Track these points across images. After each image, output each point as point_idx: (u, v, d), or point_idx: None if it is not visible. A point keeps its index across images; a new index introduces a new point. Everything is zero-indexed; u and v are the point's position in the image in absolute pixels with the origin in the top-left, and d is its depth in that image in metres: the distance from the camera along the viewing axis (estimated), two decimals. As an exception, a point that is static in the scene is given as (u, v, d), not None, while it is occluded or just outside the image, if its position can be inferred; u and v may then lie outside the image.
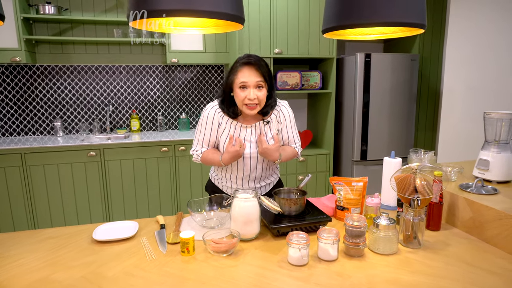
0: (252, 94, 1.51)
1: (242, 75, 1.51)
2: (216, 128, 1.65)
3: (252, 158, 1.68)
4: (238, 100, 1.55)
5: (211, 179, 1.84)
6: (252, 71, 1.51)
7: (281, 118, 1.70)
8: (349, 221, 1.24)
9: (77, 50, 3.36)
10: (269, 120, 1.68)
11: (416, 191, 1.29)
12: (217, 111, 1.64)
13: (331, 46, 3.34)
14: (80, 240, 1.36)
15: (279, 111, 1.70)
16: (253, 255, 1.25)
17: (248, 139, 1.65)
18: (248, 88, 1.52)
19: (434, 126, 3.83)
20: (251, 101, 1.53)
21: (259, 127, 1.67)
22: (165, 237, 1.37)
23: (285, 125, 1.71)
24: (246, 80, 1.51)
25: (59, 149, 2.92)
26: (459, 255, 1.24)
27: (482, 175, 1.61)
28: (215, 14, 0.94)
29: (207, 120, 1.65)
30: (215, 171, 1.80)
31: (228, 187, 1.77)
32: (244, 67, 1.52)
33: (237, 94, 1.54)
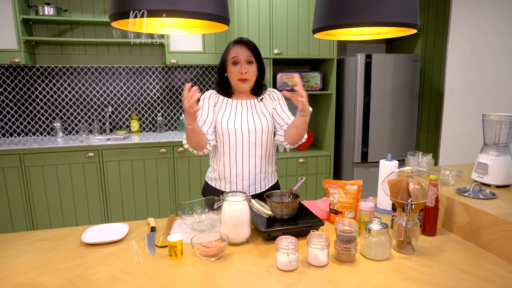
0: (243, 68, 1.62)
1: (234, 52, 1.62)
2: (212, 107, 1.70)
3: (250, 133, 1.66)
4: (232, 76, 1.64)
5: (208, 181, 1.81)
6: (243, 47, 1.63)
7: (274, 96, 1.78)
8: (340, 225, 1.21)
9: (77, 51, 3.36)
10: (263, 98, 1.75)
11: (410, 196, 1.26)
12: (213, 92, 1.74)
13: (332, 47, 3.31)
14: (69, 243, 1.35)
15: (271, 91, 1.80)
16: (242, 260, 1.22)
17: (244, 114, 1.69)
18: (239, 63, 1.62)
19: (436, 128, 3.78)
20: (243, 75, 1.62)
21: (253, 103, 1.73)
22: (155, 240, 1.35)
23: (279, 102, 1.76)
24: (237, 55, 1.61)
25: (58, 150, 2.92)
26: (454, 261, 1.20)
27: (481, 178, 1.57)
28: (199, 14, 0.92)
29: (203, 101, 1.71)
30: (213, 170, 1.77)
31: (227, 179, 1.71)
32: (235, 45, 1.64)
33: (230, 71, 1.64)
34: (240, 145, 1.67)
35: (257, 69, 1.67)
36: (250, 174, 1.71)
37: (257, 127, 1.67)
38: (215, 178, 1.76)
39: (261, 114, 1.71)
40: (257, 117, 1.70)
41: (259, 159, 1.70)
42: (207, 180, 1.82)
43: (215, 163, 1.75)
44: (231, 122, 1.66)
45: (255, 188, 1.73)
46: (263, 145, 1.71)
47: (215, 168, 1.75)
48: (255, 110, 1.72)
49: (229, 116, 1.67)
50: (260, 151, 1.70)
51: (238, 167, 1.69)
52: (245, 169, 1.69)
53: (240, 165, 1.69)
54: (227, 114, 1.68)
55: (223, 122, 1.66)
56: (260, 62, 1.68)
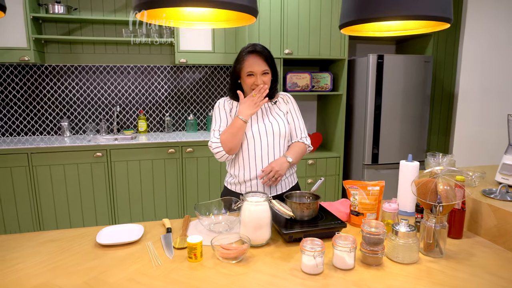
0: (259, 81, 1.59)
1: (249, 65, 1.58)
2: (229, 112, 1.69)
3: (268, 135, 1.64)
4: (246, 86, 1.62)
5: (227, 186, 1.77)
6: (257, 59, 1.58)
7: (288, 100, 1.76)
8: (366, 227, 1.17)
9: (86, 50, 3.34)
10: (276, 101, 1.73)
11: (438, 197, 1.21)
12: (227, 99, 1.72)
13: (343, 47, 3.27)
14: (83, 244, 1.31)
15: (284, 95, 1.78)
16: (264, 262, 1.18)
17: (260, 116, 1.68)
18: (255, 75, 1.59)
19: (447, 130, 3.73)
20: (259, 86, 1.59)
21: (267, 106, 1.71)
22: (172, 242, 1.31)
23: (292, 107, 1.75)
24: (253, 70, 1.58)
25: (65, 149, 2.88)
26: (484, 265, 1.15)
27: (506, 180, 1.52)
28: (228, 4, 0.88)
29: (219, 108, 1.70)
30: (231, 175, 1.74)
31: (247, 183, 1.67)
32: (249, 56, 1.58)
33: (245, 81, 1.62)
34: (259, 148, 1.64)
35: (271, 75, 1.64)
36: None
37: (274, 129, 1.66)
38: (235, 182, 1.72)
39: (276, 116, 1.70)
40: (273, 119, 1.68)
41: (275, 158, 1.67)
42: (226, 185, 1.78)
43: (233, 169, 1.71)
44: (248, 126, 1.64)
45: (276, 189, 1.69)
46: (281, 146, 1.68)
47: (233, 174, 1.71)
48: (270, 113, 1.70)
49: None
50: (279, 153, 1.67)
51: (258, 169, 1.66)
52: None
53: (260, 167, 1.65)
54: None
55: None
56: (274, 69, 1.65)
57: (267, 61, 1.60)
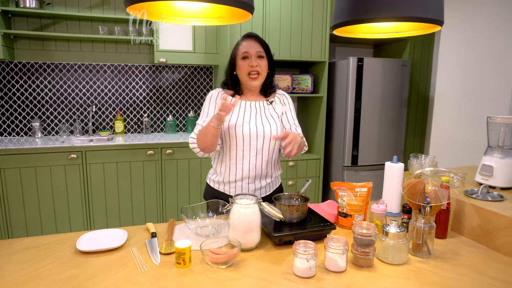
0: (254, 62, 1.54)
1: (244, 47, 1.56)
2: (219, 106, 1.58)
3: (258, 137, 1.57)
4: (242, 72, 1.57)
5: (209, 183, 1.72)
6: (253, 42, 1.57)
7: (285, 101, 1.72)
8: (357, 229, 1.17)
9: (59, 47, 3.19)
10: (272, 100, 1.68)
11: (426, 198, 1.23)
12: (220, 92, 1.66)
13: (323, 50, 3.30)
14: (62, 251, 1.23)
15: (281, 94, 1.73)
16: (255, 266, 1.15)
17: (253, 116, 1.61)
18: (250, 57, 1.55)
19: (423, 132, 3.84)
20: (253, 69, 1.55)
21: (262, 105, 1.65)
22: (157, 247, 1.26)
23: (289, 108, 1.71)
24: (247, 50, 1.55)
25: (37, 151, 2.74)
26: (471, 264, 1.18)
27: (486, 181, 1.57)
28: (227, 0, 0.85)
29: (210, 100, 1.64)
30: (215, 172, 1.68)
31: (231, 182, 1.63)
32: (244, 40, 1.58)
33: (240, 66, 1.57)
34: (248, 149, 1.58)
35: (267, 65, 1.60)
36: (256, 178, 1.63)
37: (266, 132, 1.58)
38: (219, 181, 1.67)
39: (270, 117, 1.62)
40: (266, 121, 1.61)
41: (265, 164, 1.62)
42: (209, 182, 1.72)
43: (219, 167, 1.66)
44: (239, 125, 1.57)
45: (261, 192, 1.66)
46: (271, 149, 1.62)
47: (218, 171, 1.66)
48: (264, 113, 1.63)
49: (236, 118, 1.58)
50: (267, 156, 1.62)
51: (245, 171, 1.61)
52: (252, 173, 1.61)
53: (246, 170, 1.60)
54: (234, 116, 1.58)
55: (230, 125, 1.57)
56: (271, 58, 1.62)
57: (263, 45, 1.58)
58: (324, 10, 3.23)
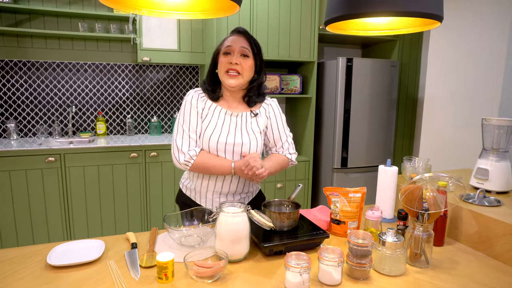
0: (235, 59, 1.38)
1: (228, 42, 1.42)
2: (200, 113, 1.45)
3: (235, 153, 1.45)
4: (220, 68, 1.42)
5: (182, 189, 1.60)
6: (240, 37, 1.42)
7: (270, 113, 1.54)
8: (353, 238, 1.09)
9: (36, 44, 3.04)
10: (257, 113, 1.51)
11: (423, 204, 1.17)
12: (200, 94, 1.48)
13: (312, 50, 3.24)
14: (31, 266, 1.12)
15: (268, 105, 1.56)
16: (244, 280, 1.06)
17: (232, 129, 1.46)
18: (232, 53, 1.40)
19: (411, 134, 3.83)
20: (232, 66, 1.39)
21: (245, 118, 1.49)
22: (138, 260, 1.16)
23: (275, 121, 1.55)
24: (231, 44, 1.40)
25: (12, 153, 2.58)
26: (470, 274, 1.12)
27: (481, 185, 1.52)
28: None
29: (191, 104, 1.45)
30: (188, 178, 1.56)
31: (203, 194, 1.51)
32: (231, 35, 1.45)
33: (220, 62, 1.42)
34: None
35: (253, 66, 1.43)
36: (229, 194, 1.52)
37: (244, 148, 1.44)
38: (191, 188, 1.54)
39: (251, 133, 1.47)
40: (246, 135, 1.46)
41: (242, 180, 1.51)
42: (182, 187, 1.60)
43: (192, 174, 1.54)
44: (215, 137, 1.42)
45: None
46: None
47: (192, 178, 1.54)
48: (245, 127, 1.47)
49: (214, 128, 1.43)
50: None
51: (217, 186, 1.49)
52: (225, 189, 1.50)
53: (219, 185, 1.49)
54: (212, 125, 1.44)
55: (206, 135, 1.43)
56: (259, 60, 1.45)
57: (250, 43, 1.41)
58: (313, 9, 3.17)
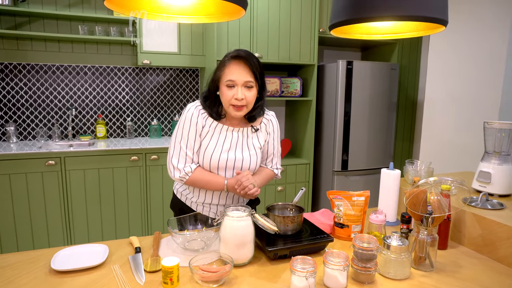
0: (240, 94, 1.34)
1: (230, 72, 1.35)
2: (200, 131, 1.43)
3: (235, 168, 1.46)
4: (224, 99, 1.38)
5: (176, 194, 1.59)
6: (242, 67, 1.35)
7: (270, 128, 1.55)
8: (358, 242, 1.09)
9: (36, 47, 3.03)
10: (258, 128, 1.51)
11: (427, 208, 1.17)
12: (201, 111, 1.44)
13: (312, 52, 3.25)
14: (35, 271, 1.11)
15: (268, 120, 1.55)
16: (249, 284, 1.06)
17: (233, 144, 1.46)
18: (236, 86, 1.35)
19: (411, 136, 3.84)
20: (239, 102, 1.36)
21: (246, 133, 1.49)
22: (142, 264, 1.15)
23: (272, 137, 1.56)
24: (234, 79, 1.34)
25: (12, 157, 2.57)
26: (475, 277, 1.12)
27: (484, 188, 1.53)
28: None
29: (190, 121, 1.41)
30: (186, 188, 1.55)
31: (199, 203, 1.52)
32: (232, 62, 1.35)
33: (223, 93, 1.37)
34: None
35: (257, 93, 1.40)
36: (226, 206, 1.52)
37: (244, 164, 1.45)
38: (188, 197, 1.54)
39: (251, 148, 1.48)
40: (246, 151, 1.47)
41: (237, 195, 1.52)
42: (176, 193, 1.59)
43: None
44: (216, 154, 1.42)
45: None
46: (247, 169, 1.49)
47: (189, 188, 1.53)
48: (246, 142, 1.48)
49: (215, 146, 1.43)
50: None
51: (214, 199, 1.50)
52: (221, 201, 1.51)
53: (217, 198, 1.50)
54: (213, 143, 1.43)
55: (207, 153, 1.42)
56: (262, 84, 1.42)
57: (253, 72, 1.35)
58: (313, 12, 3.18)
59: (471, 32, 2.66)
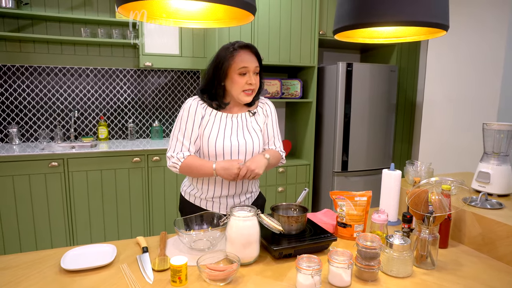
0: (253, 79, 1.43)
1: (242, 60, 1.41)
2: (199, 121, 1.47)
3: (240, 152, 1.49)
4: (237, 86, 1.43)
5: (184, 196, 1.61)
6: (251, 55, 1.43)
7: (267, 111, 1.61)
8: (361, 241, 1.12)
9: (38, 49, 3.05)
10: (255, 111, 1.58)
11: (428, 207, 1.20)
12: (200, 102, 1.50)
13: (312, 55, 3.28)
14: (44, 270, 1.13)
15: (264, 103, 1.62)
16: (256, 283, 1.09)
17: (234, 130, 1.51)
18: (248, 73, 1.43)
19: (410, 138, 3.87)
20: (251, 86, 1.44)
21: (245, 117, 1.55)
22: (150, 263, 1.18)
23: (271, 119, 1.62)
24: (247, 65, 1.41)
25: (15, 158, 2.59)
26: (475, 275, 1.15)
27: (483, 188, 1.56)
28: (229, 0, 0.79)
29: (189, 112, 1.47)
30: (191, 185, 1.58)
31: (209, 199, 1.54)
32: (242, 51, 1.42)
33: (235, 80, 1.42)
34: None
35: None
36: (235, 196, 1.55)
37: (248, 148, 1.50)
38: (196, 195, 1.56)
39: (252, 131, 1.53)
40: (248, 134, 1.52)
41: (241, 182, 1.54)
42: (184, 195, 1.61)
43: (195, 181, 1.55)
44: (220, 141, 1.46)
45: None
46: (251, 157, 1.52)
47: (196, 185, 1.56)
48: (246, 126, 1.53)
49: (217, 133, 1.47)
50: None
51: (224, 189, 1.52)
52: (231, 191, 1.54)
53: (226, 187, 1.52)
54: (215, 131, 1.47)
55: (211, 141, 1.46)
56: (261, 70, 1.51)
57: (258, 59, 1.46)
58: (313, 14, 3.21)
59: (469, 34, 2.70)
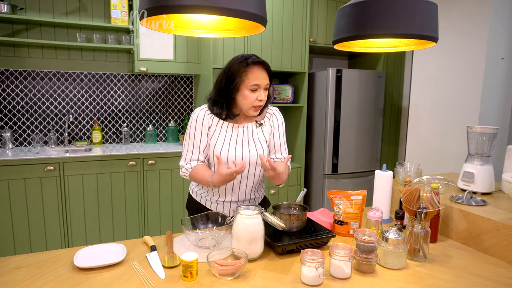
0: (263, 96, 1.47)
1: (255, 77, 1.44)
2: (207, 131, 1.54)
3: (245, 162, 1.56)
4: (248, 102, 1.47)
5: (192, 194, 1.69)
6: (263, 72, 1.46)
7: (274, 122, 1.64)
8: (360, 235, 1.21)
9: (33, 54, 3.05)
10: (262, 122, 1.61)
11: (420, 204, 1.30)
12: (207, 112, 1.55)
13: (303, 61, 3.38)
14: (58, 269, 1.18)
15: (272, 114, 1.64)
16: (262, 277, 1.16)
17: (240, 141, 1.55)
18: (259, 89, 1.47)
19: (396, 140, 4.02)
20: (261, 103, 1.48)
21: (251, 128, 1.59)
22: (160, 261, 1.23)
23: (277, 130, 1.65)
24: (259, 83, 1.45)
25: (9, 162, 2.58)
26: (464, 266, 1.25)
27: (468, 187, 1.67)
28: (241, 13, 0.87)
29: (196, 121, 1.53)
30: (198, 185, 1.65)
31: (214, 201, 1.61)
32: (255, 67, 1.44)
33: (246, 96, 1.46)
34: None
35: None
36: (239, 201, 1.62)
37: (252, 158, 1.54)
38: (203, 196, 1.63)
39: (257, 142, 1.57)
40: (253, 146, 1.55)
41: (250, 188, 1.61)
42: (192, 194, 1.69)
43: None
44: (225, 150, 1.51)
45: None
46: (256, 174, 1.59)
47: (201, 186, 1.63)
48: (252, 137, 1.57)
49: (223, 143, 1.52)
50: (252, 181, 1.59)
51: (227, 196, 1.59)
52: (234, 197, 1.60)
53: (229, 195, 1.59)
54: (221, 140, 1.53)
55: (216, 151, 1.52)
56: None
57: (269, 75, 1.49)
58: (304, 22, 3.32)
59: (450, 44, 2.85)
